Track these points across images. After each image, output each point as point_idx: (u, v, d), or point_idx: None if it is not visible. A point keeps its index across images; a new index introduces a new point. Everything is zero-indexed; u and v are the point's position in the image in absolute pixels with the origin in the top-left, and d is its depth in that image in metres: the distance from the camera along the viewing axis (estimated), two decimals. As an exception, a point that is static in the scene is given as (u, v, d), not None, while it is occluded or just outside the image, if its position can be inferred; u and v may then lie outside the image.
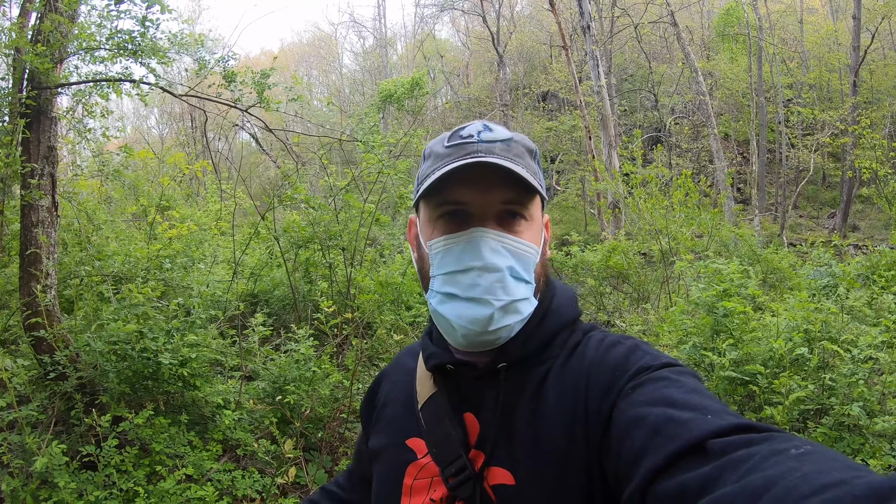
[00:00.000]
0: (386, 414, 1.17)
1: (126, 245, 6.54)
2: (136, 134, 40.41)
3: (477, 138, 0.96)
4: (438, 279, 0.98)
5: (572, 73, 16.56)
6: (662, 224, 8.86)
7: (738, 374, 4.00)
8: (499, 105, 32.73)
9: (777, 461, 0.59)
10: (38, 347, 4.11)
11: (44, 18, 3.82)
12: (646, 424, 0.75)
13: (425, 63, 39.05)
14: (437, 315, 0.99)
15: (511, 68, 35.08)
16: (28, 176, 4.09)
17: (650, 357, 0.90)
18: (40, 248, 4.13)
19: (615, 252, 9.13)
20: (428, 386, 1.07)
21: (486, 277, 0.93)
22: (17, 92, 3.93)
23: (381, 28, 43.70)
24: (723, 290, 4.89)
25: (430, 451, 1.01)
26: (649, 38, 27.62)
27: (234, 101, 5.08)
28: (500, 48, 30.59)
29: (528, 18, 37.07)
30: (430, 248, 1.00)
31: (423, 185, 0.97)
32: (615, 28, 23.54)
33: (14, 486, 3.13)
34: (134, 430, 3.89)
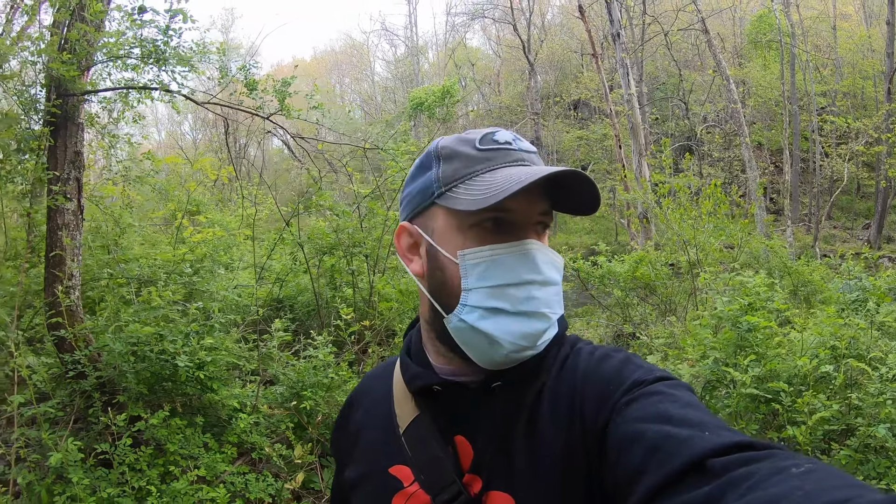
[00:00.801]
0: (362, 442, 1.10)
1: (150, 249, 6.69)
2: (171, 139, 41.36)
3: (516, 146, 0.94)
4: (479, 293, 0.90)
5: (602, 81, 16.48)
6: (690, 235, 8.74)
7: (760, 391, 3.87)
8: (530, 113, 32.72)
9: (779, 480, 0.59)
10: (61, 346, 4.23)
11: (70, 27, 3.97)
12: (643, 441, 0.73)
13: (457, 71, 39.25)
14: (471, 331, 0.90)
15: (542, 76, 35.06)
16: (54, 181, 4.22)
17: (643, 370, 0.88)
18: (64, 251, 4.25)
19: (642, 263, 9.02)
20: (409, 409, 1.02)
21: (545, 291, 0.91)
22: (45, 99, 4.07)
23: (412, 36, 44.04)
24: (748, 304, 4.77)
25: (417, 479, 0.96)
26: (680, 46, 27.33)
27: (255, 109, 5.17)
28: (530, 56, 30.59)
29: (559, 27, 37.02)
30: (464, 258, 0.91)
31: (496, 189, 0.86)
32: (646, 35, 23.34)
33: (30, 480, 3.23)
34: (150, 430, 3.97)
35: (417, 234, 0.99)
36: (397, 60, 47.91)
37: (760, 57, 25.94)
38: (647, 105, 24.92)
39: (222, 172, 8.11)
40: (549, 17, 38.86)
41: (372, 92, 49.79)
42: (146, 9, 4.16)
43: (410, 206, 1.00)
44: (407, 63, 44.58)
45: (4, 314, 4.17)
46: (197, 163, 8.41)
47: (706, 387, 4.55)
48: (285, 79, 5.18)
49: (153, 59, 4.26)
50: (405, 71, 44.75)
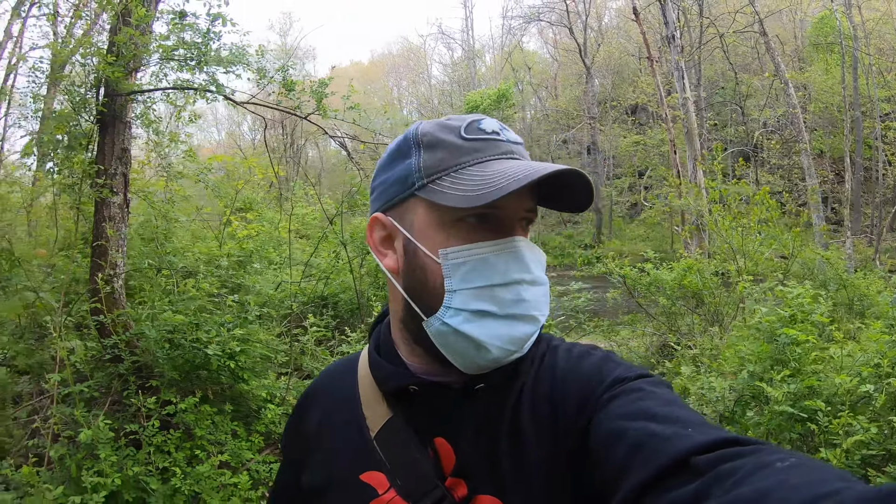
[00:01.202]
0: (324, 447, 1.01)
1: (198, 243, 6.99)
2: (230, 139, 42.67)
3: (504, 137, 0.89)
4: (464, 294, 0.84)
5: (657, 85, 16.19)
6: (739, 243, 8.51)
7: (795, 410, 3.70)
8: (586, 118, 32.40)
9: (765, 474, 0.58)
10: (102, 332, 4.48)
11: (118, 32, 4.21)
12: (626, 439, 0.72)
13: (513, 74, 39.18)
14: (455, 336, 0.85)
15: (599, 80, 34.67)
16: (101, 174, 4.48)
17: (623, 368, 0.86)
18: (108, 241, 4.50)
19: (690, 271, 8.82)
20: (380, 410, 0.95)
21: (533, 291, 0.86)
22: (93, 99, 4.34)
23: (468, 39, 44.23)
24: (789, 316, 4.59)
25: (393, 485, 0.89)
26: (739, 49, 26.50)
27: (293, 109, 5.35)
28: (587, 60, 30.31)
29: (616, 29, 36.49)
30: (446, 258, 0.85)
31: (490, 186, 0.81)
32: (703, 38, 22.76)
33: (62, 454, 3.45)
34: (179, 415, 4.17)
35: (392, 226, 0.92)
36: (454, 63, 48.19)
37: (822, 60, 24.89)
38: (704, 110, 24.29)
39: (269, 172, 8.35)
40: (606, 19, 38.38)
41: (429, 95, 50.20)
42: (186, 14, 4.39)
43: (385, 195, 0.93)
44: (463, 66, 44.80)
45: (52, 300, 4.44)
46: (247, 162, 8.71)
47: (738, 402, 4.41)
48: (323, 80, 5.33)
49: (195, 62, 4.48)
50: (462, 74, 44.97)
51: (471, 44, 44.49)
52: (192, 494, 3.76)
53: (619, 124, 32.32)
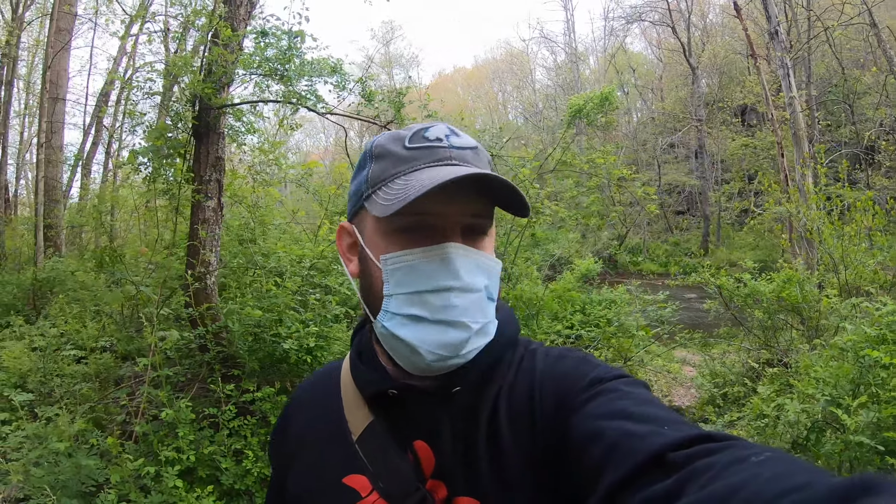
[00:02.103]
0: (306, 452, 1.03)
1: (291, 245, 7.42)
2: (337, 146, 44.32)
3: (447, 143, 0.89)
4: (398, 299, 0.87)
5: (762, 84, 15.45)
6: (840, 253, 8.00)
7: (874, 441, 3.48)
8: (693, 120, 31.22)
9: (739, 469, 0.59)
10: (195, 323, 4.92)
11: (208, 51, 4.64)
12: (603, 439, 0.73)
13: (617, 77, 38.33)
14: (392, 339, 0.88)
15: (705, 81, 33.28)
16: (196, 180, 4.94)
17: (601, 369, 0.87)
18: (201, 242, 4.94)
19: (790, 283, 8.34)
20: (361, 415, 0.98)
21: (464, 298, 0.86)
22: (188, 112, 4.81)
23: (571, 42, 43.66)
24: (877, 336, 4.29)
25: (375, 488, 0.91)
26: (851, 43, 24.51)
27: (373, 118, 5.62)
28: (692, 60, 29.21)
29: (721, 27, 34.85)
30: (385, 263, 0.88)
31: (402, 195, 0.83)
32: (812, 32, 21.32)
33: (145, 430, 3.85)
34: (258, 403, 4.52)
35: (354, 234, 0.97)
36: (557, 67, 47.71)
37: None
38: (815, 109, 22.73)
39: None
40: (711, 17, 36.68)
41: (533, 99, 49.95)
42: (267, 33, 4.76)
43: (349, 205, 0.98)
44: (567, 70, 44.28)
45: (152, 293, 4.93)
46: (338, 167, 9.13)
47: (812, 428, 4.15)
48: (400, 90, 5.57)
49: (277, 76, 4.85)
50: (566, 78, 44.43)
51: (573, 46, 43.92)
52: (261, 477, 4.08)
53: (727, 126, 30.87)
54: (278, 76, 4.80)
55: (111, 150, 14.30)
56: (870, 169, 22.64)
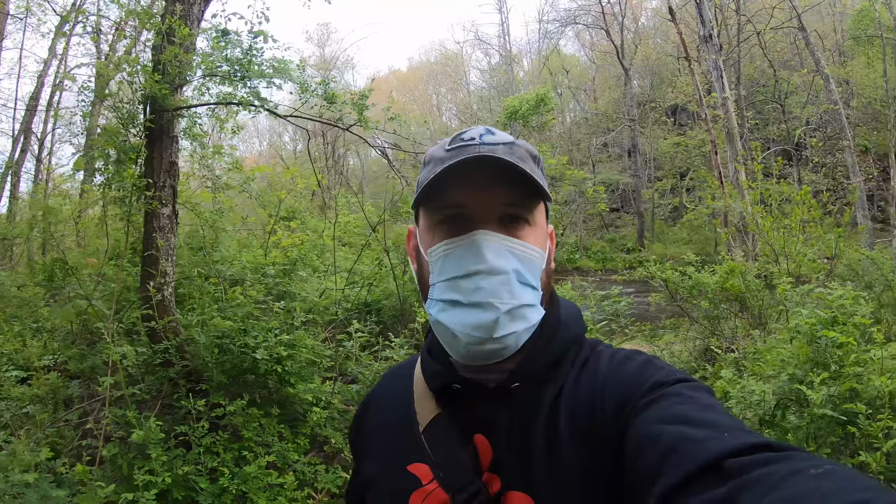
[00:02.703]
0: (378, 440, 1.10)
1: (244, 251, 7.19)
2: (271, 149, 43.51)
3: (479, 140, 0.93)
4: (438, 286, 0.93)
5: (696, 85, 15.99)
6: (781, 244, 8.35)
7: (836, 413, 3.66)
8: (626, 120, 32.08)
9: (796, 481, 0.58)
10: (153, 337, 4.66)
11: (162, 50, 4.40)
12: (661, 442, 0.73)
13: (551, 78, 38.99)
14: (437, 325, 0.93)
15: (638, 82, 34.30)
16: (150, 187, 4.68)
17: (664, 372, 0.88)
18: (158, 251, 4.69)
19: (733, 274, 8.67)
20: (430, 407, 1.02)
21: (491, 280, 0.88)
22: (140, 114, 4.55)
23: (505, 45, 44.24)
24: (830, 318, 4.53)
25: (436, 477, 0.95)
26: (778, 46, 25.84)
27: (335, 120, 5.48)
28: (625, 62, 30.04)
29: (653, 30, 36.06)
30: (429, 255, 0.95)
31: (421, 188, 0.94)
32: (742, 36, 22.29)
33: (114, 453, 3.62)
34: (228, 417, 4.32)
35: (415, 235, 1.03)
36: (492, 69, 48.19)
37: (863, 54, 24.07)
38: (745, 109, 23.80)
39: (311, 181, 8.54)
40: (643, 20, 37.97)
41: (468, 101, 50.26)
42: (228, 32, 4.56)
43: (414, 211, 1.04)
44: (501, 72, 44.79)
45: (104, 307, 4.65)
46: (288, 172, 8.92)
47: (778, 405, 4.36)
48: (363, 92, 5.45)
49: (238, 77, 4.65)
50: (500, 80, 44.94)
51: (508, 49, 44.52)
52: (239, 494, 3.91)
53: (660, 126, 31.88)
54: (239, 77, 4.60)
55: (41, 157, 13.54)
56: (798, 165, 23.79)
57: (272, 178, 11.34)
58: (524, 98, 30.23)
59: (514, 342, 0.90)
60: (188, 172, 7.22)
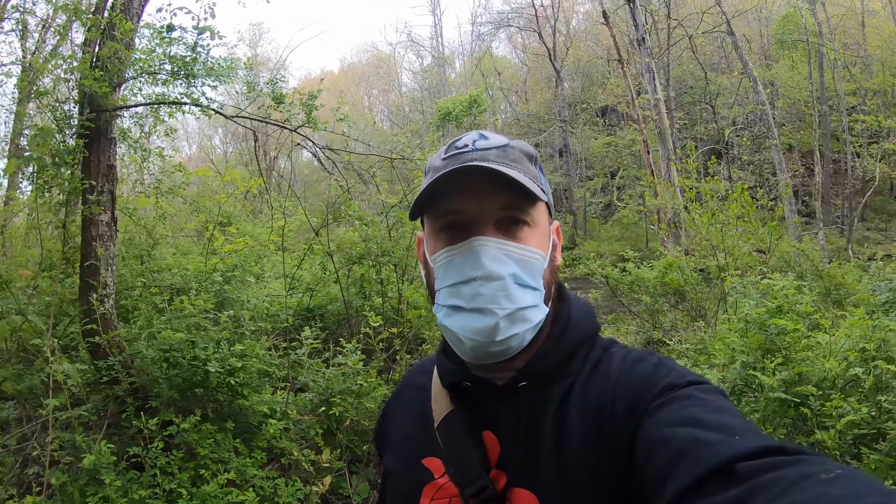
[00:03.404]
0: (399, 433, 1.14)
1: (183, 259, 6.86)
2: (202, 153, 42.19)
3: (472, 146, 0.95)
4: (443, 292, 0.95)
5: (628, 86, 16.44)
6: (718, 239, 8.65)
7: (788, 396, 3.81)
8: (557, 121, 32.66)
9: (807, 485, 0.58)
10: (95, 353, 4.36)
11: (102, 46, 4.12)
12: (672, 445, 0.73)
13: (483, 80, 39.34)
14: (444, 329, 0.96)
15: (569, 84, 35.02)
16: (88, 192, 4.38)
17: (676, 374, 0.89)
18: (98, 261, 4.39)
19: (671, 269, 8.93)
20: (444, 403, 1.04)
21: (488, 286, 0.90)
22: (79, 114, 4.24)
23: (438, 47, 44.42)
24: (776, 307, 4.71)
25: (447, 471, 0.98)
26: (706, 49, 27.01)
27: (282, 121, 5.29)
28: (556, 64, 30.60)
29: (584, 33, 36.93)
30: (434, 261, 0.98)
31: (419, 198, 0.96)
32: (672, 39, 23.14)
33: (63, 481, 3.35)
34: (181, 435, 4.08)
35: (423, 242, 1.05)
36: (424, 71, 48.25)
37: (788, 57, 25.51)
38: (675, 110, 24.70)
39: (251, 184, 8.25)
40: (575, 23, 38.85)
41: (400, 103, 50.17)
42: (174, 27, 4.32)
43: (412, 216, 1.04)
44: (433, 73, 44.91)
45: (40, 322, 4.32)
46: (227, 175, 8.60)
47: (733, 391, 4.51)
48: (312, 92, 5.28)
49: (183, 75, 4.40)
50: (432, 81, 45.05)
51: (440, 51, 44.68)
52: (199, 514, 3.69)
53: (590, 126, 32.62)
54: (183, 75, 4.36)
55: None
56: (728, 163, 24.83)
57: (207, 182, 10.93)
58: (457, 99, 30.44)
59: (518, 343, 0.92)
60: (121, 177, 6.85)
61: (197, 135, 46.52)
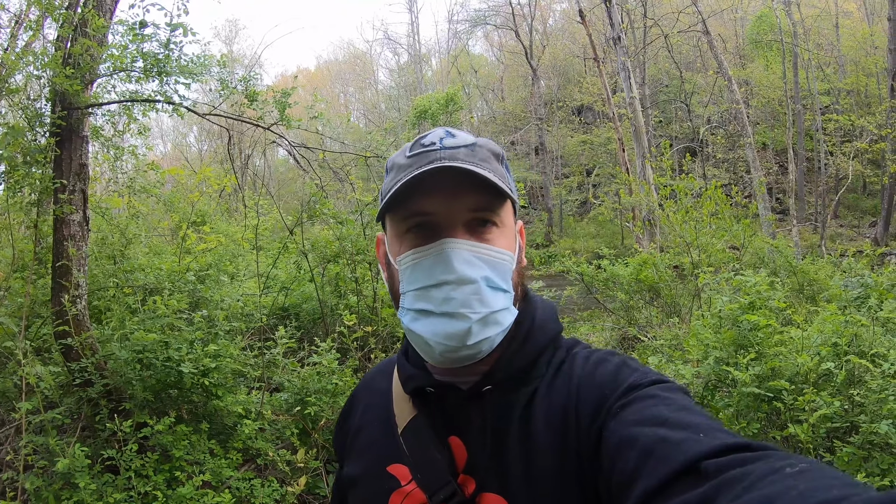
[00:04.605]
0: (361, 440, 1.11)
1: (156, 258, 6.78)
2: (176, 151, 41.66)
3: (439, 145, 0.93)
4: (409, 296, 0.93)
5: (604, 85, 16.56)
6: (693, 236, 8.76)
7: (761, 390, 3.87)
8: (533, 119, 32.81)
9: (773, 480, 0.59)
10: (68, 355, 4.29)
11: (74, 42, 4.06)
12: (637, 445, 0.73)
13: (460, 78, 39.37)
14: (411, 333, 0.94)
15: (545, 82, 35.20)
16: (59, 192, 4.30)
17: (639, 374, 0.88)
18: (70, 261, 4.32)
19: (646, 265, 9.02)
20: (407, 409, 1.03)
21: (461, 290, 0.89)
22: (50, 112, 4.17)
23: (415, 44, 44.32)
24: (748, 303, 4.78)
25: (414, 478, 0.96)
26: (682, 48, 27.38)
27: (256, 119, 5.25)
28: (533, 62, 30.71)
29: (561, 31, 37.15)
30: (399, 263, 0.95)
31: (385, 198, 0.93)
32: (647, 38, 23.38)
33: (37, 486, 3.30)
34: (155, 437, 4.04)
35: (383, 243, 1.03)
36: (400, 69, 48.13)
37: (762, 57, 25.95)
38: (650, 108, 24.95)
39: (225, 181, 8.17)
40: (551, 22, 39.12)
41: (376, 101, 50.01)
42: (147, 23, 4.26)
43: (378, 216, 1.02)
44: (410, 71, 44.82)
45: (13, 324, 4.24)
46: (200, 173, 8.50)
47: (707, 387, 4.57)
48: (285, 90, 5.25)
49: (156, 72, 4.35)
50: (408, 79, 44.97)
51: (417, 48, 44.57)
52: (176, 518, 3.66)
53: (566, 124, 32.85)
54: (156, 73, 4.30)
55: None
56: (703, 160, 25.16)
57: (182, 180, 10.81)
58: (433, 97, 30.39)
59: (489, 346, 0.92)
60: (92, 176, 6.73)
61: (172, 133, 45.98)
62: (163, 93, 4.71)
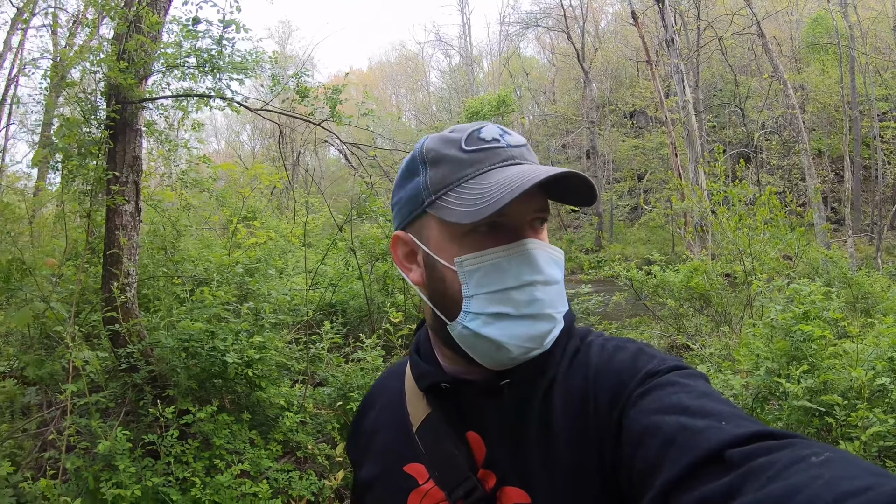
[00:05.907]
0: (376, 442, 1.10)
1: (206, 251, 6.94)
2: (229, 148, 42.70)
3: (504, 142, 0.91)
4: (480, 299, 0.88)
5: (657, 88, 16.26)
6: (745, 244, 8.51)
7: (813, 404, 3.74)
8: (585, 122, 32.48)
9: (799, 468, 0.58)
10: (116, 341, 4.42)
11: (129, 39, 4.18)
12: (659, 434, 0.72)
13: (511, 80, 39.26)
14: (476, 338, 0.89)
15: (597, 85, 34.77)
16: (112, 183, 4.44)
17: (657, 361, 0.87)
18: (121, 250, 4.45)
19: (697, 273, 8.83)
20: (421, 407, 1.02)
21: (547, 291, 0.88)
22: (105, 106, 4.30)
23: (466, 46, 44.38)
24: (802, 313, 4.61)
25: (432, 476, 0.96)
26: (736, 51, 26.65)
27: (307, 116, 5.31)
28: (585, 65, 30.40)
29: (613, 34, 36.66)
30: (461, 265, 0.89)
31: (491, 200, 0.83)
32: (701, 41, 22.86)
33: (78, 465, 3.39)
34: (197, 424, 4.12)
35: (413, 242, 0.97)
36: (452, 70, 48.30)
37: (818, 61, 25.06)
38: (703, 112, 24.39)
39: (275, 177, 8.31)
40: (603, 24, 38.65)
41: (427, 102, 50.29)
42: (200, 20, 4.35)
43: (402, 214, 0.98)
44: (461, 73, 44.91)
45: (63, 310, 4.39)
46: (252, 170, 8.68)
47: (757, 398, 4.44)
48: (336, 86, 5.29)
49: (208, 68, 4.44)
50: (460, 81, 45.07)
51: (468, 50, 44.62)
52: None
53: (618, 128, 32.42)
54: (209, 69, 4.40)
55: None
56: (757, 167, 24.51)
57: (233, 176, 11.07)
58: (485, 99, 30.36)
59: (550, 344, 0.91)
60: (147, 170, 6.95)
61: (225, 131, 47.22)
62: (216, 89, 4.82)
